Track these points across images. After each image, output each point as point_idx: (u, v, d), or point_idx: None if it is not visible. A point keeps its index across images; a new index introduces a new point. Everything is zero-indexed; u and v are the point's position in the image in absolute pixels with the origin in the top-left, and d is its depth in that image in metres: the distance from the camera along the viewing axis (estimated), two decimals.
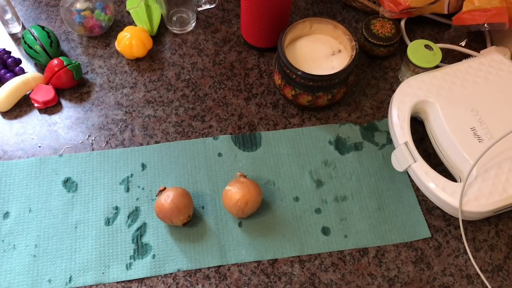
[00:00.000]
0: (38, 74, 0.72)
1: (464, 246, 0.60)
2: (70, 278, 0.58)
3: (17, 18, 0.78)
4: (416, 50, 0.69)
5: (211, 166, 0.66)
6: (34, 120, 0.70)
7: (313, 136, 0.69)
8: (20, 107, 0.71)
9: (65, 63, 0.70)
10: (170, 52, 0.77)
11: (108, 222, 0.62)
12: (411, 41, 0.75)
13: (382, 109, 0.72)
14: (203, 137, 0.69)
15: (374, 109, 0.72)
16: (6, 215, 0.62)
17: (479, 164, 0.59)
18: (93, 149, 0.68)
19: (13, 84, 0.69)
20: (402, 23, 0.78)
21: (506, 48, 0.72)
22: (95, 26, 0.76)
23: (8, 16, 0.76)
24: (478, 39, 0.79)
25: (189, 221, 0.60)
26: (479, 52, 0.72)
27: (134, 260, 0.59)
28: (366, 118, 0.71)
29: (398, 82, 0.74)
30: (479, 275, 0.59)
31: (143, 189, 0.64)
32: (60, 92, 0.73)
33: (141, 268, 0.59)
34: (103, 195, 0.64)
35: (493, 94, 0.64)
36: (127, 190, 0.64)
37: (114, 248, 0.60)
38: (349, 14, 0.82)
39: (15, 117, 0.70)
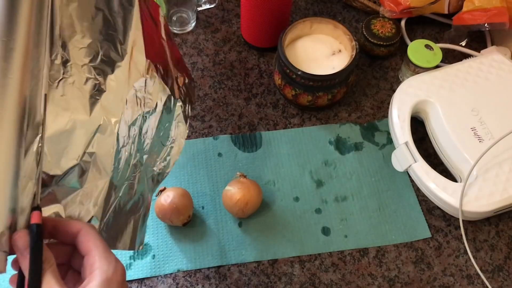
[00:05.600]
0: None
1: (465, 246, 0.60)
2: None
3: None
4: (417, 50, 0.69)
5: (211, 166, 0.66)
6: None
7: (313, 136, 0.69)
8: None
9: None
10: None
11: None
12: (411, 41, 0.74)
13: (383, 109, 0.72)
14: (203, 137, 0.69)
15: (374, 109, 0.72)
16: None
17: (479, 164, 0.58)
18: None
19: None
20: (403, 23, 0.78)
21: (506, 48, 0.72)
22: None
23: None
24: (479, 39, 0.79)
25: (189, 221, 0.60)
26: (479, 52, 0.72)
27: (134, 260, 0.59)
28: (366, 118, 0.71)
29: (398, 82, 0.74)
30: (479, 275, 0.59)
31: None
32: None
33: (141, 268, 0.58)
34: None
35: (494, 94, 0.64)
36: None
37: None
38: (349, 14, 0.82)
39: None
